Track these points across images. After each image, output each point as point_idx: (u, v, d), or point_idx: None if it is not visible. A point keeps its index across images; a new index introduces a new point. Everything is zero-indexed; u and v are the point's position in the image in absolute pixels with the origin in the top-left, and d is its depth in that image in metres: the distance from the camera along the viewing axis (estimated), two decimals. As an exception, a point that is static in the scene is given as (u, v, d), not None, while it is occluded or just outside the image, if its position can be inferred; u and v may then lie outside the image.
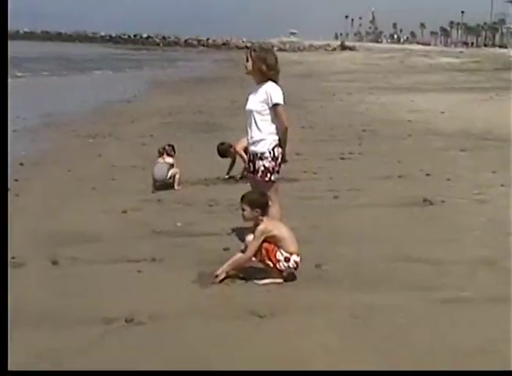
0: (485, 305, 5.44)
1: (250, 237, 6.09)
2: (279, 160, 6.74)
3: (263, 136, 6.69)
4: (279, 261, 5.96)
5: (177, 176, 10.45)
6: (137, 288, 5.95)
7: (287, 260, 5.97)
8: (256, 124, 6.71)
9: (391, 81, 37.96)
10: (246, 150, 10.12)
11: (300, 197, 9.49)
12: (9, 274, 4.98)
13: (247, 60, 6.79)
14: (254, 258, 6.08)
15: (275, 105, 6.62)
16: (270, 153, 6.67)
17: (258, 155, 6.72)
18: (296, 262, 6.01)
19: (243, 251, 6.15)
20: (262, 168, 6.71)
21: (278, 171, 6.77)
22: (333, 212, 8.65)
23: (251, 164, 6.89)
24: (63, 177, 11.34)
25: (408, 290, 5.77)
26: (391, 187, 10.13)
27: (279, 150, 6.72)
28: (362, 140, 15.31)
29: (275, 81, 6.75)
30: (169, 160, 10.48)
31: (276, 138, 6.70)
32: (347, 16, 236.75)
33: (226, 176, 11.07)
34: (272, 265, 5.97)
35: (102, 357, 4.57)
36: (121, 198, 9.62)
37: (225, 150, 11.25)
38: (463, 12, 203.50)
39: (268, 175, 6.71)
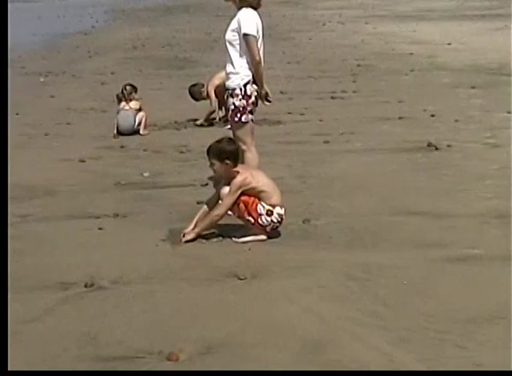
0: (497, 264, 5.44)
1: (225, 190, 6.01)
2: (253, 98, 6.68)
3: (235, 70, 6.66)
4: (260, 215, 5.93)
5: (143, 120, 10.36)
6: (98, 248, 5.92)
7: (270, 213, 5.94)
8: (229, 55, 6.69)
9: (390, 8, 37.72)
10: (217, 90, 10.09)
11: (285, 141, 9.46)
12: None
13: None
14: (230, 213, 6.05)
15: (245, 35, 6.54)
16: (241, 90, 6.63)
17: (230, 91, 6.71)
18: (280, 215, 5.98)
19: (207, 204, 6.12)
20: (232, 107, 6.68)
21: (251, 112, 6.72)
22: (324, 159, 8.64)
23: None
24: (9, 122, 11.18)
25: (409, 247, 5.78)
26: (390, 130, 10.12)
27: (254, 87, 6.67)
28: (357, 76, 15.25)
29: (255, 7, 6.66)
30: (134, 104, 10.36)
31: (250, 73, 6.64)
32: None
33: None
34: (252, 220, 5.95)
35: (59, 327, 4.55)
36: (79, 145, 9.55)
37: (197, 93, 11.14)
38: None
39: (238, 115, 6.67)
